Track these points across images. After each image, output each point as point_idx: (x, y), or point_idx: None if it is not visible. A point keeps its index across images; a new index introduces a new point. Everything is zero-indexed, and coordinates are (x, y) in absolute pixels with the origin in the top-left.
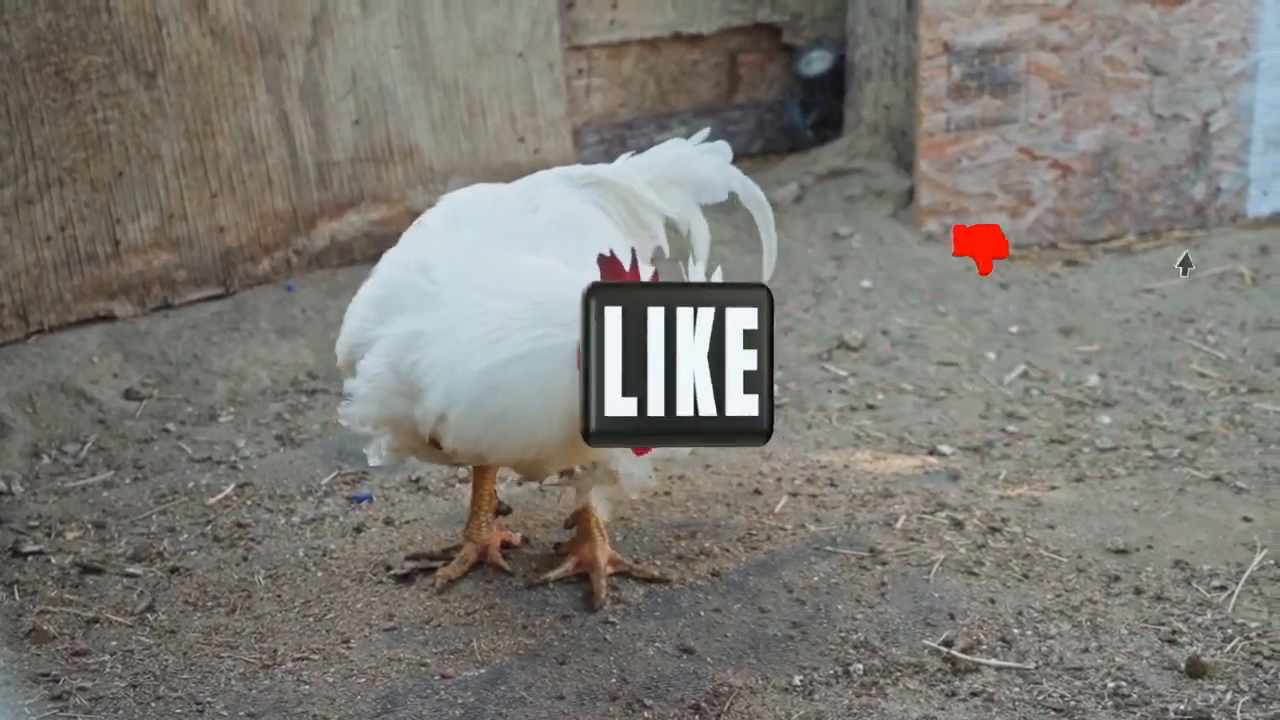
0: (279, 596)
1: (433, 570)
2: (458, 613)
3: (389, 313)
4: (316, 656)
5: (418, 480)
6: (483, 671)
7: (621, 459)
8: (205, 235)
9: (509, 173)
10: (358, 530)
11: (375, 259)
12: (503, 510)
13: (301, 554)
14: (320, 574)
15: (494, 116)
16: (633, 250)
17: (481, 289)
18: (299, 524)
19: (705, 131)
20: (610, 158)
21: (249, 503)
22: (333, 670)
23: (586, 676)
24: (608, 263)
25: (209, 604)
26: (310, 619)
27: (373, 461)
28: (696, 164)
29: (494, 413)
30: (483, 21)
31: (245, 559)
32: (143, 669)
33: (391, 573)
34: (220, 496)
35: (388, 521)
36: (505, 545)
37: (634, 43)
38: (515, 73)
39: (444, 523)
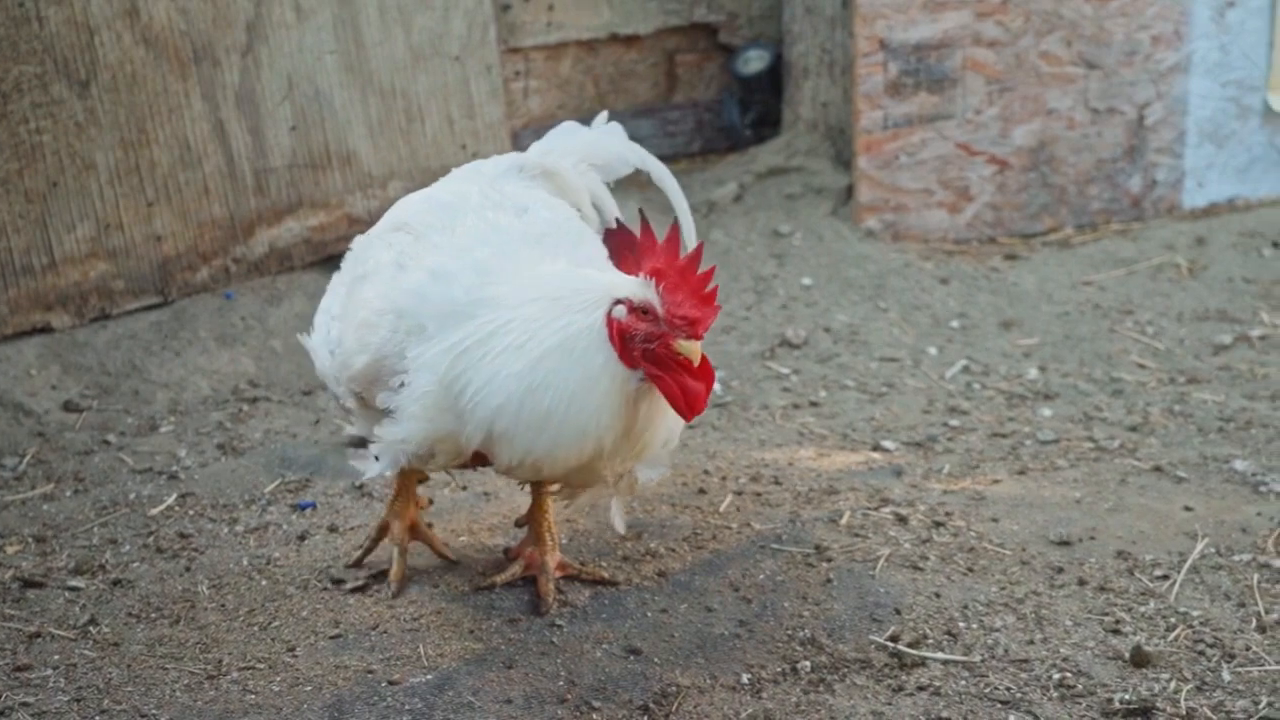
0: (223, 606)
1: (384, 573)
2: (404, 618)
3: (420, 327)
4: (262, 665)
5: (361, 487)
6: (430, 677)
7: (644, 466)
8: (142, 245)
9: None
10: (302, 538)
11: (315, 265)
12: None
13: (245, 563)
14: (265, 582)
15: (432, 120)
16: (640, 212)
17: (505, 303)
18: (242, 533)
19: (603, 115)
20: None
21: (191, 513)
22: (279, 679)
23: (534, 680)
24: (621, 234)
25: (152, 615)
26: (255, 628)
27: (372, 473)
28: (608, 145)
29: (540, 415)
30: (419, 25)
31: (188, 569)
32: (86, 683)
33: (345, 587)
34: (162, 507)
35: (332, 529)
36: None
37: (571, 44)
38: (452, 76)
39: None
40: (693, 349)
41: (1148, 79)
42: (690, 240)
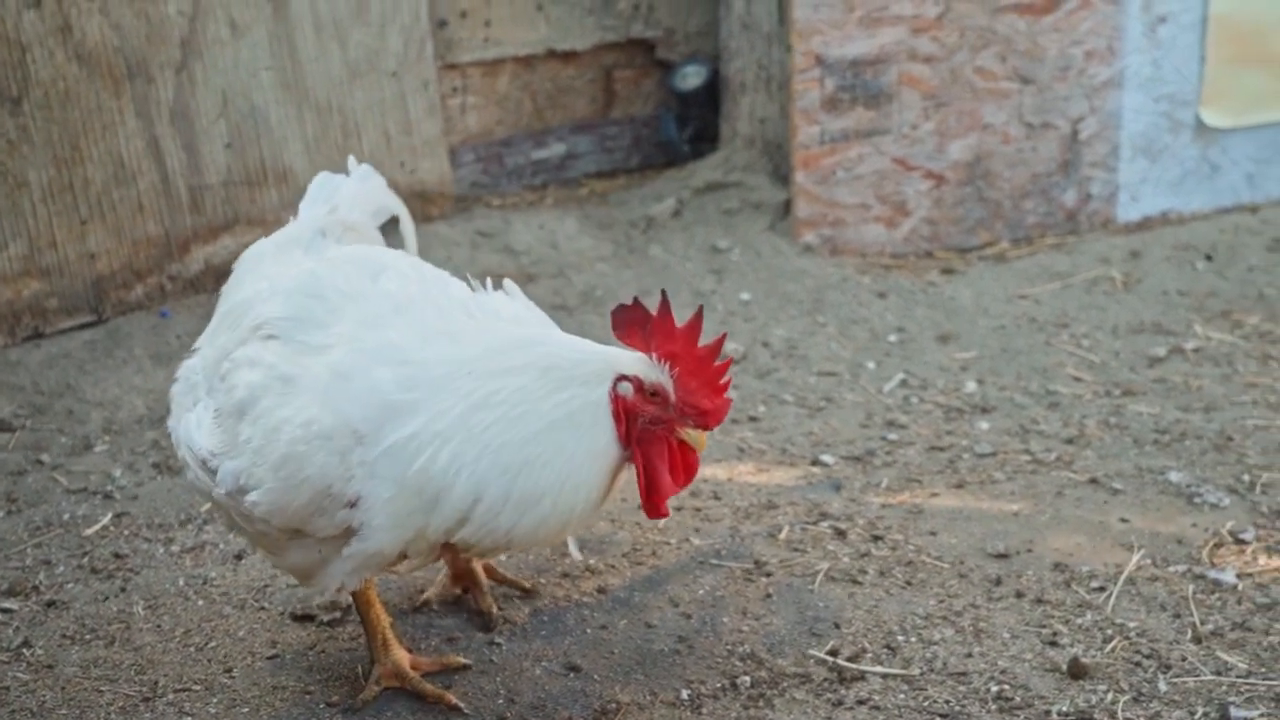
0: (159, 627)
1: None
2: (342, 638)
3: (360, 435)
4: (198, 687)
5: None
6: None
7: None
8: (76, 263)
9: None
10: (238, 557)
11: None
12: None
13: (181, 583)
14: (201, 602)
15: (369, 137)
16: (663, 292)
17: (472, 373)
18: (178, 553)
19: (364, 165)
20: (488, 175)
21: (127, 533)
22: (215, 701)
23: (473, 698)
24: (633, 311)
25: (87, 637)
26: (191, 649)
27: (328, 595)
28: (377, 192)
29: (531, 494)
30: (355, 41)
31: (124, 590)
32: (19, 706)
33: (321, 620)
34: (97, 527)
35: None
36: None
37: (509, 60)
38: (389, 92)
39: None
40: (700, 439)
41: (1081, 94)
42: (413, 250)
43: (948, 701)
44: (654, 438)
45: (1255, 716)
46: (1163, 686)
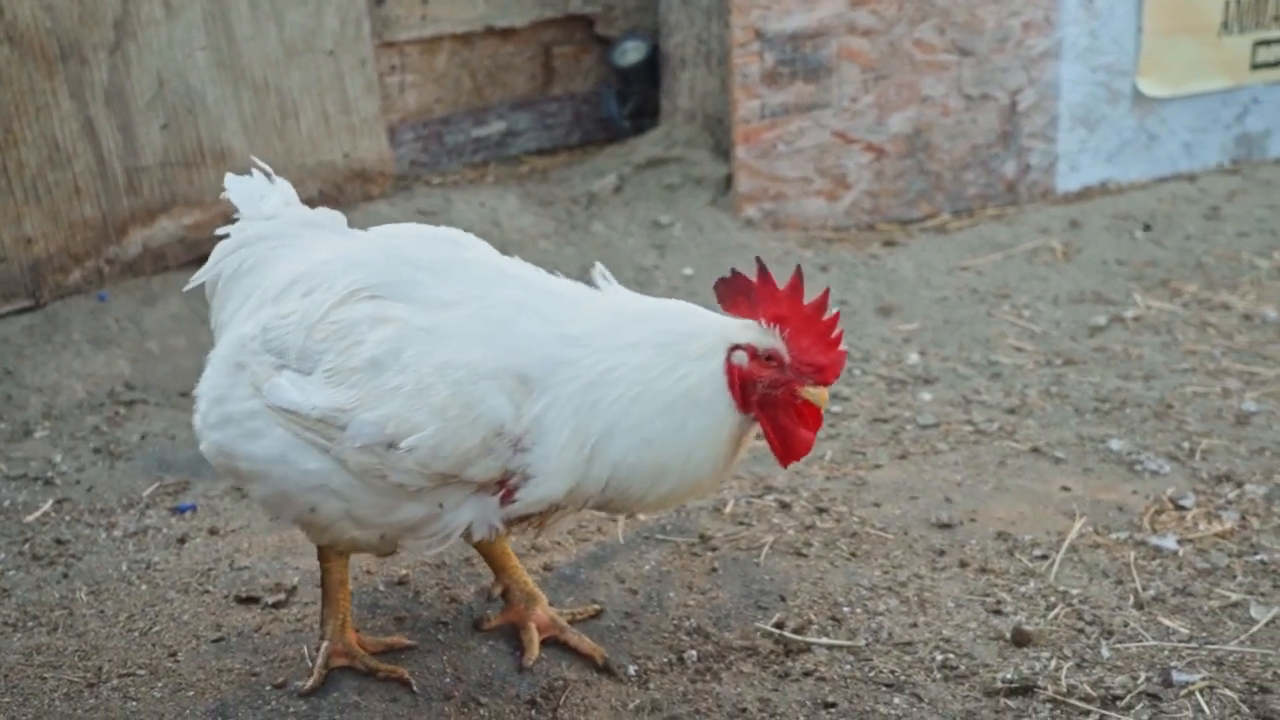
0: (102, 613)
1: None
2: (288, 620)
3: (530, 378)
4: (143, 672)
5: (241, 488)
6: (314, 679)
7: None
8: (12, 247)
9: (324, 173)
10: (182, 541)
11: (191, 265)
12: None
13: (124, 568)
14: (144, 587)
15: (307, 116)
16: (758, 259)
17: (593, 345)
18: (121, 538)
19: (281, 182)
20: (428, 153)
21: (68, 518)
22: (160, 685)
23: (421, 678)
24: (736, 280)
25: (29, 624)
26: (135, 634)
27: (426, 553)
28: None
29: (658, 468)
30: (291, 20)
31: (66, 576)
32: None
33: (265, 602)
34: (38, 514)
35: (212, 531)
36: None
37: (446, 38)
38: (327, 71)
39: (270, 529)
40: (821, 395)
41: (1020, 65)
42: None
43: (893, 671)
44: (776, 401)
45: (1197, 680)
46: (1105, 652)
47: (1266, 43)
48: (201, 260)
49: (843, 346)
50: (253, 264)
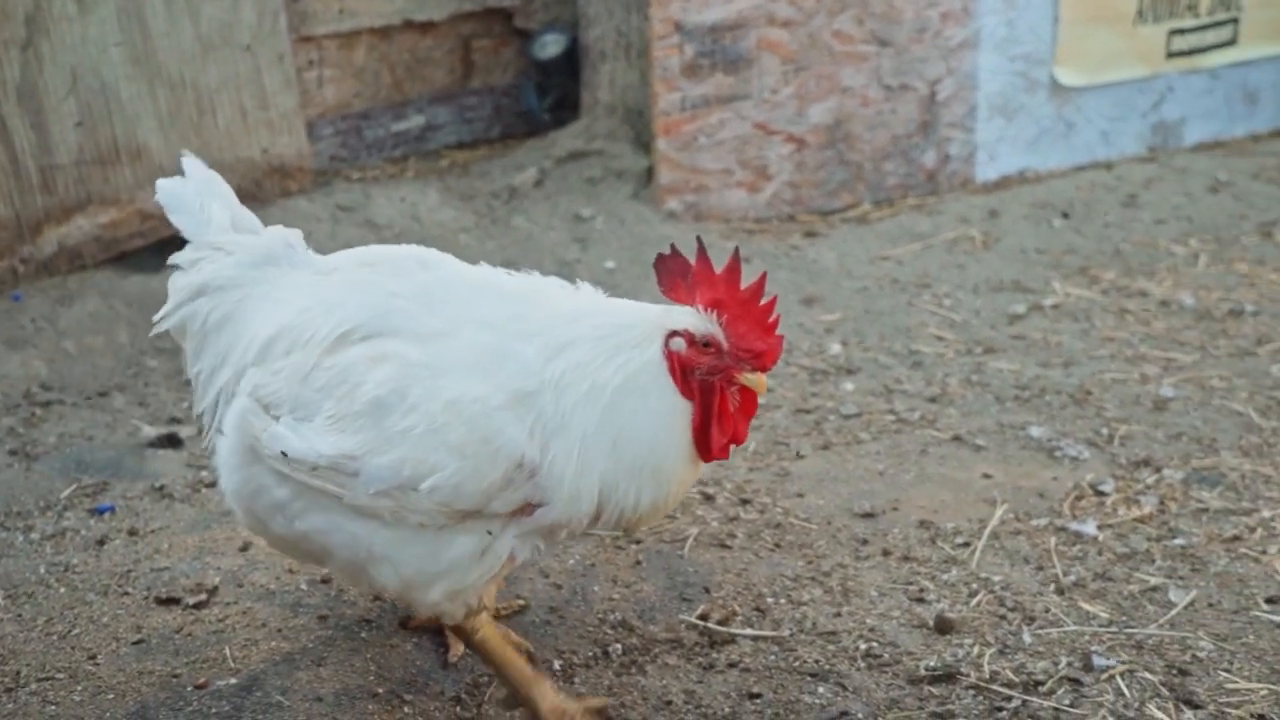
0: (19, 616)
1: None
2: (209, 621)
3: (538, 406)
4: (62, 675)
5: (161, 488)
6: (236, 680)
7: None
8: None
9: (243, 169)
10: (101, 543)
11: (108, 264)
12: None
13: (42, 571)
14: (63, 590)
15: (224, 112)
16: (698, 239)
17: (549, 356)
18: (38, 540)
19: (214, 180)
20: (347, 148)
21: None
22: (80, 688)
23: (345, 676)
24: (673, 261)
25: None
26: (54, 637)
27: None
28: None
29: (631, 465)
30: (206, 14)
31: None
32: None
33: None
34: None
35: (132, 532)
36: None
37: (364, 32)
38: (244, 66)
39: (190, 529)
40: (760, 381)
41: (938, 55)
42: None
43: (817, 661)
44: (713, 388)
45: (1117, 664)
46: (1027, 638)
47: (1181, 31)
48: (119, 259)
49: (779, 332)
50: (221, 318)
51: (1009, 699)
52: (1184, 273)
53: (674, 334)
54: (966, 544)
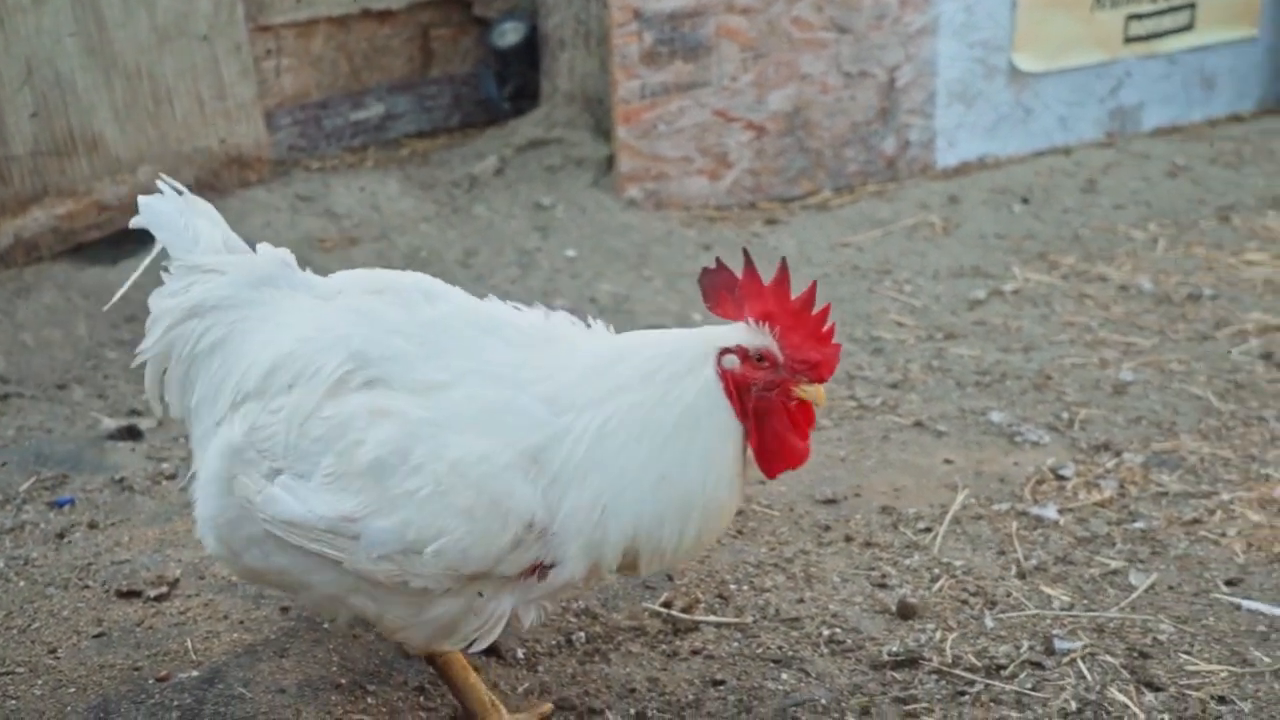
0: None
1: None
2: (170, 614)
3: (542, 462)
4: (22, 669)
5: (121, 480)
6: (198, 672)
7: None
8: None
9: (200, 159)
10: (61, 536)
11: (65, 255)
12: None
13: (1, 565)
14: (23, 584)
15: (181, 102)
16: (745, 252)
17: (576, 403)
18: None
19: (203, 206)
20: (306, 138)
21: None
22: (40, 682)
23: (308, 667)
24: (719, 274)
25: None
26: (14, 631)
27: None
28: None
29: (678, 504)
30: (162, 4)
31: None
32: None
33: (148, 595)
34: None
35: (92, 525)
36: None
37: (322, 21)
38: (200, 56)
39: (151, 521)
40: (818, 393)
41: (897, 42)
42: None
43: (780, 647)
44: (771, 405)
45: (1078, 648)
46: (989, 623)
47: (1138, 16)
48: (76, 251)
49: (835, 341)
50: (214, 341)
51: (971, 683)
52: (1143, 257)
53: (726, 351)
54: (928, 529)
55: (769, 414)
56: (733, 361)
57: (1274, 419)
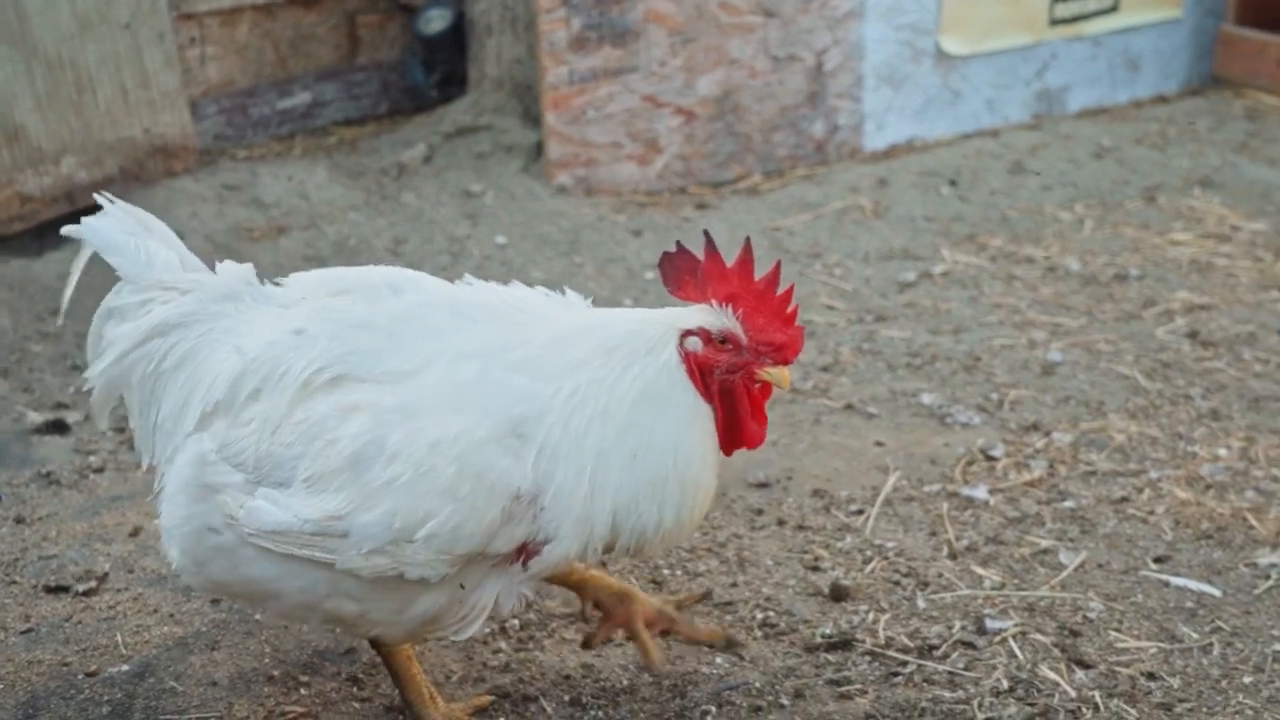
0: None
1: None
2: (100, 608)
3: (524, 434)
4: None
5: (48, 474)
6: (129, 666)
7: None
8: None
9: (125, 149)
10: None
11: None
12: None
13: None
14: None
15: (104, 91)
16: (705, 234)
17: (545, 372)
18: None
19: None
20: (232, 127)
21: None
22: None
23: (240, 660)
24: (680, 257)
25: None
26: None
27: (460, 634)
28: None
29: (652, 482)
30: None
31: None
32: None
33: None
34: None
35: (19, 520)
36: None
37: (247, 8)
38: (124, 45)
39: (79, 515)
40: (783, 375)
41: (825, 25)
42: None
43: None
44: (734, 387)
45: (1009, 627)
46: (921, 603)
47: None
48: (1, 243)
49: (798, 323)
50: (180, 356)
51: (904, 664)
52: (1070, 238)
53: (688, 333)
54: (860, 511)
55: (732, 396)
56: (695, 344)
57: (1200, 397)
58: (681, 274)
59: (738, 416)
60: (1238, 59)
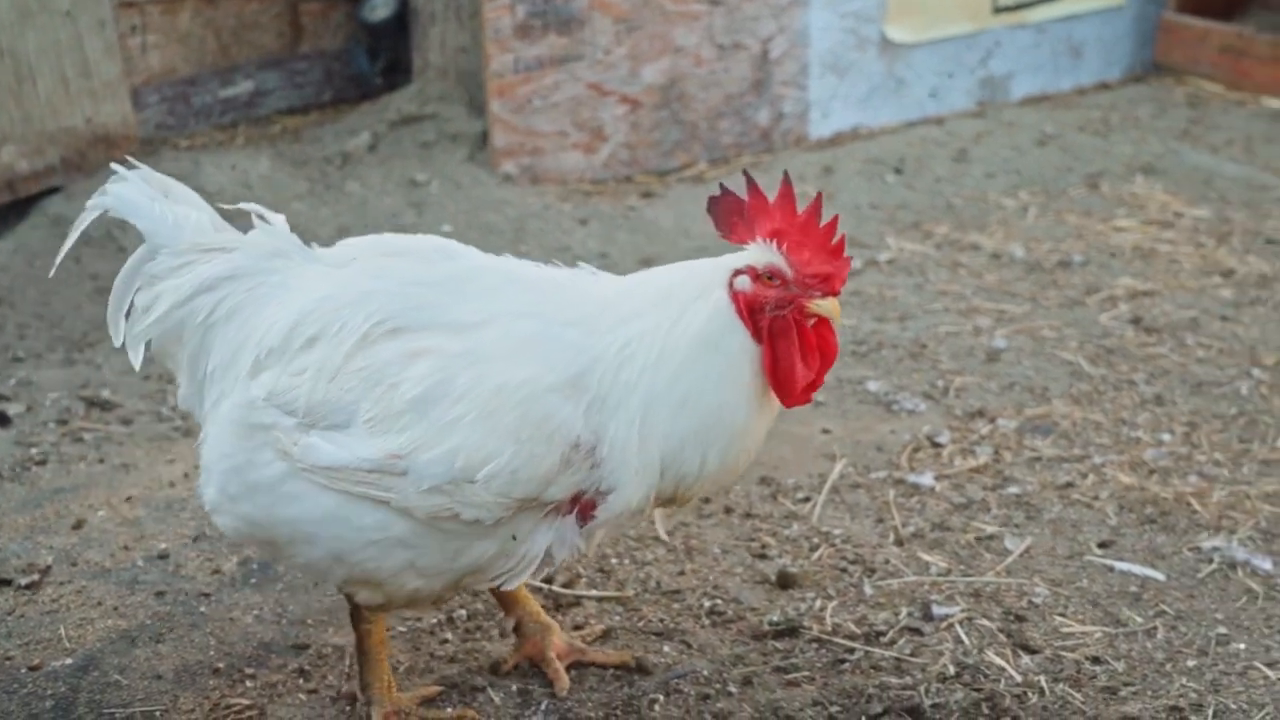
0: None
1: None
2: (43, 601)
3: (587, 387)
4: None
5: None
6: (72, 660)
7: None
8: None
9: (66, 138)
10: None
11: None
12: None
13: None
14: None
15: (45, 80)
16: (745, 173)
17: (599, 327)
18: None
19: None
20: (175, 116)
21: None
22: None
23: (185, 653)
24: (725, 199)
25: None
26: None
27: (562, 557)
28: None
29: (701, 426)
30: None
31: None
32: None
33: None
34: None
35: None
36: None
37: None
38: (64, 33)
39: (21, 508)
40: (832, 306)
41: (769, 13)
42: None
43: (662, 620)
44: (785, 324)
45: (956, 613)
46: (868, 590)
47: None
48: None
49: (846, 254)
50: (230, 309)
51: (851, 650)
52: (1014, 225)
53: (737, 272)
54: (807, 499)
55: (783, 335)
56: (744, 282)
57: (1144, 383)
58: (730, 216)
59: (789, 357)
60: (1179, 47)
